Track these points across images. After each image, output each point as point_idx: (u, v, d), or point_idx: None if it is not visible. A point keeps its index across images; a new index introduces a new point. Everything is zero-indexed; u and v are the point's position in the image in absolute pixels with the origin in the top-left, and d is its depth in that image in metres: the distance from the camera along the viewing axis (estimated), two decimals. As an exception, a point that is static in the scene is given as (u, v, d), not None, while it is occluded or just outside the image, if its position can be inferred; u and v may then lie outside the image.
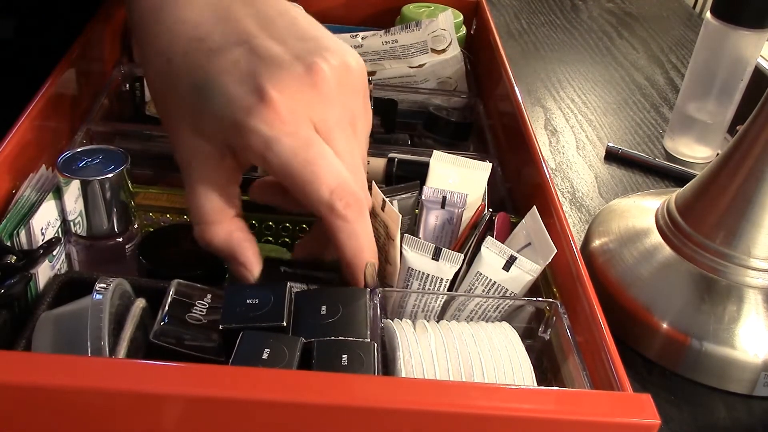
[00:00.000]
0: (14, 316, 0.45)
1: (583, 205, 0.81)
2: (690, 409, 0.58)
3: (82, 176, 0.49)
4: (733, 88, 0.83)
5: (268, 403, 0.35)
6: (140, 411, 0.36)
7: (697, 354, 0.59)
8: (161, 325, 0.44)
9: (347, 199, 0.43)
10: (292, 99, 0.42)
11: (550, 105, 1.00)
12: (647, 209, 0.69)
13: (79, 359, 0.37)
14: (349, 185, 0.43)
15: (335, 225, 0.43)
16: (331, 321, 0.44)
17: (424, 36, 0.79)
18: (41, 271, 0.48)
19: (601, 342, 0.43)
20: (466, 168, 0.54)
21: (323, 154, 0.42)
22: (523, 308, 0.50)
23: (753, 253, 0.60)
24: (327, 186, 0.42)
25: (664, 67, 1.13)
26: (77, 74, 0.64)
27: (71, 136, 0.62)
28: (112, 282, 0.44)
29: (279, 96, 0.42)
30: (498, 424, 0.36)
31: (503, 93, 0.72)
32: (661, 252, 0.64)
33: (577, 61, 1.14)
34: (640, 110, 1.01)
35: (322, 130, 0.43)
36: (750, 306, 0.59)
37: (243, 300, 0.44)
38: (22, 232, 0.48)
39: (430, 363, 0.43)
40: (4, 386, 0.35)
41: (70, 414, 0.36)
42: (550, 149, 0.90)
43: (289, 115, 0.42)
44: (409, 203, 0.54)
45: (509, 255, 0.49)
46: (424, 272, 0.49)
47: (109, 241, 0.52)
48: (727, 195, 0.60)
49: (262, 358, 0.40)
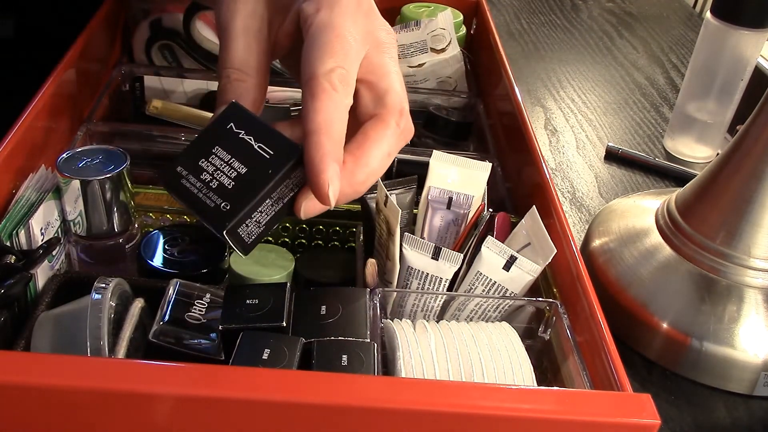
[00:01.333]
0: (14, 316, 0.45)
1: (583, 205, 0.81)
2: (690, 409, 0.58)
3: (81, 176, 0.49)
4: (733, 87, 0.83)
5: (268, 403, 0.35)
6: (139, 411, 0.36)
7: (697, 354, 0.59)
8: (160, 324, 0.44)
9: (345, 78, 0.43)
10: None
11: (550, 105, 1.00)
12: (647, 209, 0.69)
13: (78, 359, 0.37)
14: (351, 76, 0.43)
15: (321, 88, 0.42)
16: (331, 321, 0.44)
17: (423, 35, 0.79)
18: (40, 271, 0.48)
19: (601, 342, 0.43)
20: (466, 168, 0.54)
21: (351, 45, 0.44)
22: (523, 308, 0.50)
23: (753, 253, 0.60)
24: (336, 60, 0.43)
25: (664, 67, 1.13)
26: (77, 74, 0.64)
27: (71, 136, 0.62)
28: (111, 282, 0.44)
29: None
30: (498, 424, 0.36)
31: (503, 93, 0.72)
32: (661, 252, 0.64)
33: (577, 61, 1.14)
34: (640, 110, 1.01)
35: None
36: (750, 306, 0.59)
37: (243, 300, 0.44)
38: (22, 232, 0.48)
39: (430, 363, 0.43)
40: (4, 386, 0.35)
41: (69, 414, 0.36)
42: (550, 149, 0.90)
43: (348, 4, 0.44)
44: (406, 199, 0.54)
45: (509, 255, 0.49)
46: (424, 271, 0.49)
47: (109, 241, 0.52)
48: (727, 195, 0.60)
49: (262, 358, 0.40)
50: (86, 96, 0.67)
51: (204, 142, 0.41)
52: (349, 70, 0.43)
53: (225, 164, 0.40)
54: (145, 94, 0.70)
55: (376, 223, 0.52)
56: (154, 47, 0.75)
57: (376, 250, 0.53)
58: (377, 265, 0.50)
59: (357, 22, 0.45)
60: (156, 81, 0.70)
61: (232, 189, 0.39)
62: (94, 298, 0.43)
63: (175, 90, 0.71)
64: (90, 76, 0.69)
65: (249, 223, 0.40)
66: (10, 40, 0.79)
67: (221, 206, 0.39)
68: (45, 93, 0.57)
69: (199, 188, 0.40)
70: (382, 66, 0.45)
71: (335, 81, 0.42)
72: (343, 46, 0.43)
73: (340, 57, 0.43)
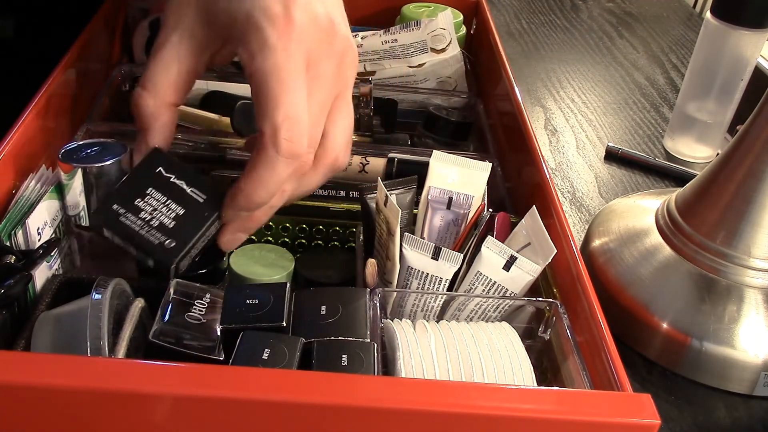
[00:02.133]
0: (14, 316, 0.45)
1: (583, 205, 0.81)
2: (690, 409, 0.58)
3: (83, 164, 0.50)
4: (733, 87, 0.83)
5: (268, 403, 0.35)
6: (139, 411, 0.36)
7: (697, 354, 0.59)
8: (160, 324, 0.44)
9: (294, 136, 0.43)
10: (309, 31, 0.44)
11: (550, 105, 1.00)
12: (647, 209, 0.69)
13: (78, 359, 0.37)
14: (303, 129, 0.44)
15: (265, 148, 0.43)
16: (331, 321, 0.44)
17: (423, 35, 0.79)
18: (40, 271, 0.48)
19: (601, 342, 0.43)
20: (466, 168, 0.54)
21: (297, 88, 0.43)
22: (523, 308, 0.50)
23: (753, 253, 0.60)
24: (285, 112, 0.43)
25: (664, 67, 1.13)
26: (77, 74, 0.64)
27: (71, 136, 0.62)
28: (111, 282, 0.44)
29: (301, 18, 0.44)
30: (498, 424, 0.36)
31: (503, 93, 0.72)
32: (661, 252, 0.64)
33: (577, 61, 1.14)
34: (640, 110, 1.01)
35: (309, 74, 0.45)
36: (750, 306, 0.59)
37: (243, 300, 0.44)
38: (19, 232, 0.48)
39: (430, 363, 0.43)
40: (4, 386, 0.35)
41: (69, 414, 0.36)
42: (550, 149, 0.90)
43: (297, 40, 0.44)
44: (406, 199, 0.54)
45: (509, 255, 0.49)
46: (424, 271, 0.49)
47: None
48: (727, 195, 0.60)
49: (262, 358, 0.40)
50: (86, 96, 0.67)
51: (135, 184, 0.46)
52: (296, 116, 0.43)
53: (162, 205, 0.46)
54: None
55: (376, 223, 0.52)
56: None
57: (376, 250, 0.53)
58: (377, 265, 0.50)
59: (291, 53, 0.43)
60: (156, 81, 0.70)
61: (172, 228, 0.45)
62: (94, 298, 0.43)
63: (175, 90, 0.70)
64: (90, 76, 0.69)
65: (186, 258, 0.46)
66: (10, 40, 0.79)
67: (165, 243, 0.45)
68: (45, 93, 0.57)
69: (141, 226, 0.45)
70: (257, 73, 0.44)
71: (281, 142, 0.43)
72: (286, 92, 0.43)
73: (285, 102, 0.43)
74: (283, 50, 0.43)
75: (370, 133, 0.70)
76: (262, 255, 0.55)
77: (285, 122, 0.43)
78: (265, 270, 0.54)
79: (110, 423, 0.36)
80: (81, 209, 0.51)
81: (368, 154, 0.62)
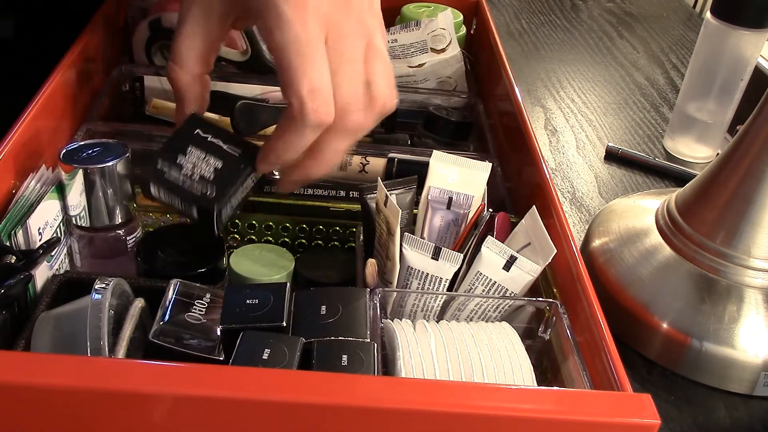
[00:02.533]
0: (14, 316, 0.45)
1: (583, 205, 0.81)
2: (690, 409, 0.58)
3: (84, 165, 0.50)
4: (733, 87, 0.83)
5: (268, 403, 0.35)
6: (139, 411, 0.36)
7: (697, 354, 0.59)
8: (160, 324, 0.44)
9: (320, 105, 0.45)
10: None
11: (550, 105, 1.00)
12: (647, 209, 0.69)
13: (78, 359, 0.37)
14: (327, 96, 0.45)
15: (294, 119, 0.45)
16: (331, 321, 0.44)
17: (423, 35, 0.79)
18: (40, 271, 0.48)
19: (601, 342, 0.43)
20: (466, 168, 0.54)
21: (318, 58, 0.45)
22: (523, 308, 0.50)
23: (753, 253, 0.60)
24: (309, 84, 0.44)
25: (664, 67, 1.13)
26: (77, 74, 0.64)
27: (71, 136, 0.62)
28: (111, 282, 0.44)
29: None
30: (498, 424, 0.36)
31: (503, 93, 0.72)
32: (661, 252, 0.64)
33: (577, 61, 1.14)
34: (640, 110, 1.01)
35: (332, 37, 0.45)
36: (750, 306, 0.59)
37: (243, 300, 0.44)
38: (20, 232, 0.48)
39: (430, 363, 0.43)
40: (4, 386, 0.35)
41: (69, 414, 0.36)
42: (550, 149, 0.90)
43: (313, 8, 0.44)
44: (406, 199, 0.54)
45: (509, 255, 0.49)
46: (424, 271, 0.49)
47: (111, 232, 0.53)
48: (727, 195, 0.60)
49: (262, 358, 0.40)
50: (86, 96, 0.67)
51: (176, 144, 0.50)
52: (320, 87, 0.44)
53: (201, 161, 0.49)
54: (145, 94, 0.70)
55: (376, 223, 0.52)
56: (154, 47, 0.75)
57: (376, 250, 0.53)
58: (377, 265, 0.50)
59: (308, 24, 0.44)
60: (156, 81, 0.70)
61: (212, 179, 0.49)
62: (94, 298, 0.43)
63: (175, 90, 0.70)
64: (90, 76, 0.69)
65: (227, 207, 0.49)
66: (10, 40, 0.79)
67: (207, 193, 0.48)
68: (45, 93, 0.57)
69: (183, 180, 0.49)
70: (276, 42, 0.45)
71: (308, 112, 0.44)
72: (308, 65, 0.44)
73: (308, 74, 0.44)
74: (300, 21, 0.44)
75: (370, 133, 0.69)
76: (262, 255, 0.55)
77: (309, 94, 0.44)
78: (265, 270, 0.54)
79: (110, 423, 0.36)
80: (81, 209, 0.51)
81: (368, 154, 0.62)
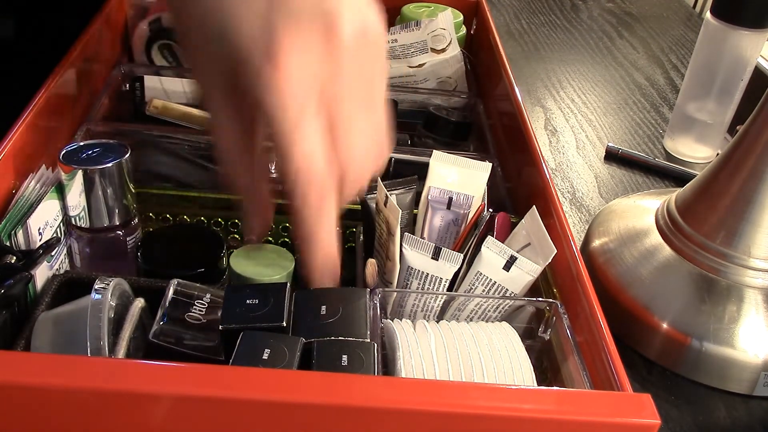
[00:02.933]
0: (14, 316, 0.45)
1: (583, 205, 0.81)
2: (690, 409, 0.58)
3: (84, 166, 0.50)
4: (733, 88, 0.83)
5: (268, 403, 0.35)
6: (139, 411, 0.36)
7: (697, 354, 0.59)
8: (160, 324, 0.44)
9: (304, 186, 0.42)
10: (302, 62, 0.41)
11: (550, 105, 1.00)
12: (647, 209, 0.69)
13: (78, 359, 0.37)
14: (314, 172, 0.42)
15: (292, 204, 0.43)
16: (331, 321, 0.44)
17: (423, 36, 0.79)
18: (40, 271, 0.48)
19: (601, 342, 0.43)
20: (466, 168, 0.54)
21: (305, 136, 0.42)
22: (523, 308, 0.50)
23: (753, 253, 0.60)
24: (295, 165, 0.42)
25: (664, 67, 1.13)
26: (77, 74, 0.64)
27: (71, 136, 0.62)
28: (111, 282, 0.44)
29: (287, 58, 0.40)
30: (498, 424, 0.36)
31: (503, 93, 0.72)
32: (661, 252, 0.64)
33: (577, 61, 1.14)
34: (640, 110, 1.01)
35: (328, 96, 0.42)
36: (750, 306, 0.59)
37: (243, 300, 0.44)
38: (20, 232, 0.48)
39: (430, 363, 0.43)
40: (4, 386, 0.35)
41: (69, 414, 0.36)
42: (550, 149, 0.90)
43: (295, 82, 0.41)
44: (406, 199, 0.54)
45: (509, 255, 0.49)
46: (424, 272, 0.49)
47: (110, 233, 0.53)
48: (727, 195, 0.60)
49: (262, 358, 0.40)
50: (86, 96, 0.67)
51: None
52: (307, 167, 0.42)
53: None
54: (145, 94, 0.70)
55: (376, 223, 0.52)
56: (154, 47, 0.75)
57: (376, 250, 0.53)
58: (377, 265, 0.50)
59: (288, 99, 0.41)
60: (156, 81, 0.70)
61: None
62: (94, 298, 0.43)
63: (175, 90, 0.71)
64: (90, 76, 0.69)
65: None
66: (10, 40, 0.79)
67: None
68: (45, 93, 0.57)
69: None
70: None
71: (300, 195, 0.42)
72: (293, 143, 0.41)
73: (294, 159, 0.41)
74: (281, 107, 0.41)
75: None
76: (262, 255, 0.55)
77: (298, 175, 0.42)
78: (265, 270, 0.54)
79: (110, 423, 0.36)
80: (81, 210, 0.51)
81: (368, 154, 0.62)
